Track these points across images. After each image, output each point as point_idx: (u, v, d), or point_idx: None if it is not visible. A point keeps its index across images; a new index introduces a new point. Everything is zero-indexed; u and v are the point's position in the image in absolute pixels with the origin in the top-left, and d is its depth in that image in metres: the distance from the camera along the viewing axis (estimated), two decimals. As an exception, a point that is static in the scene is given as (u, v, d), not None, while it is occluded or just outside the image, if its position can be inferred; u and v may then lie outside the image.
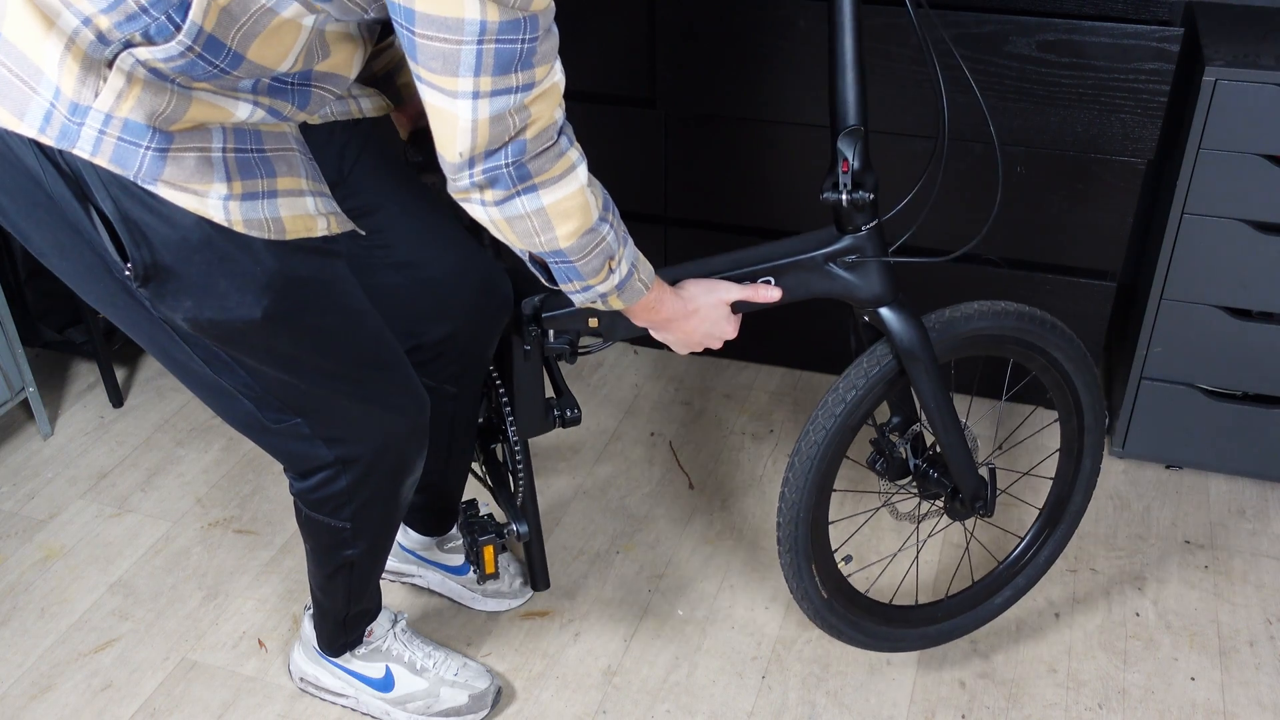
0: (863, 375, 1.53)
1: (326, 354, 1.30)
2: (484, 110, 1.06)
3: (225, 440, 2.31)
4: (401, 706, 1.70)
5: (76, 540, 2.06)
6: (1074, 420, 1.74)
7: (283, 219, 1.17)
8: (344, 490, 1.42)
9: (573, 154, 1.17)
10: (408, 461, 1.47)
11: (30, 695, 1.77)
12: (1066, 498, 1.80)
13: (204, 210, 1.11)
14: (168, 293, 1.15)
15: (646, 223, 2.40)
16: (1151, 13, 1.91)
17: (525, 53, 1.05)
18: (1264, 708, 1.74)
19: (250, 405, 1.32)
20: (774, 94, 2.16)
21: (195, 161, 1.09)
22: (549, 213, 1.17)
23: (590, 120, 2.31)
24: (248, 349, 1.24)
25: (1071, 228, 2.13)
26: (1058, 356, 1.64)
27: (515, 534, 1.71)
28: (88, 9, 1.02)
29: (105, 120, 1.05)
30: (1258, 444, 2.13)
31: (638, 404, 2.42)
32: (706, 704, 1.75)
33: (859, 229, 1.44)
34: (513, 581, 1.91)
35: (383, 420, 1.39)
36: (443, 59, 1.03)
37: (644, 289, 1.33)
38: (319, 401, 1.33)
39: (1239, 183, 1.91)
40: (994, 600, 1.82)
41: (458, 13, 1.00)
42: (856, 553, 2.02)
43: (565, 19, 2.24)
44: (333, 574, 1.55)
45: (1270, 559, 2.01)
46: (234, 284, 1.16)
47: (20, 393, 2.26)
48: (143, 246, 1.12)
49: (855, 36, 1.35)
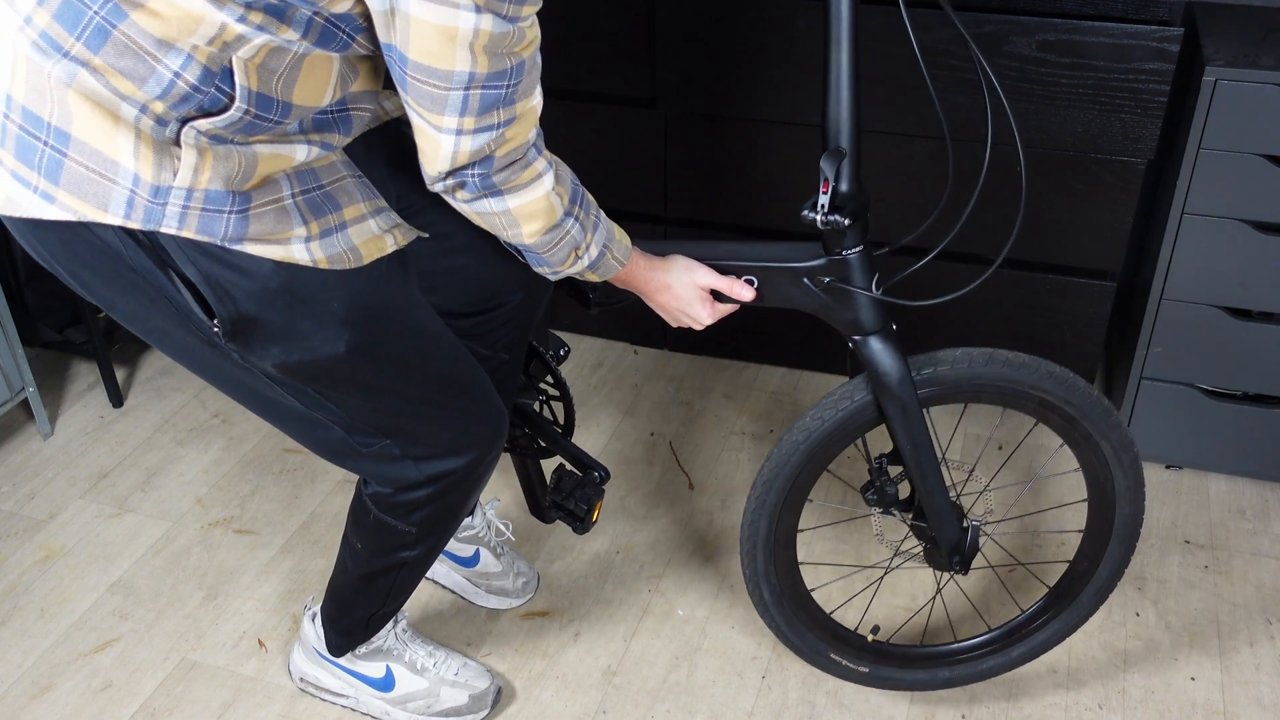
0: (831, 408, 1.50)
1: (409, 379, 1.33)
2: (466, 145, 1.15)
3: (225, 440, 2.31)
4: (402, 706, 1.70)
5: (76, 540, 2.06)
6: (1102, 499, 1.57)
7: (357, 246, 1.23)
8: (423, 499, 1.44)
9: (539, 164, 1.23)
10: (486, 473, 1.49)
11: (30, 695, 1.77)
12: (1083, 579, 1.66)
13: (289, 257, 1.16)
14: (255, 342, 1.20)
15: (646, 223, 2.40)
16: (1151, 13, 1.91)
17: (508, 94, 1.13)
18: (1264, 708, 1.74)
19: (341, 433, 1.35)
20: (774, 94, 2.16)
21: (274, 214, 1.15)
22: (514, 214, 1.24)
23: (590, 120, 2.32)
24: (335, 384, 1.29)
25: (1071, 228, 2.13)
26: (1088, 428, 1.50)
27: (598, 479, 1.67)
28: (142, 97, 1.06)
29: (188, 195, 1.10)
30: (1258, 444, 2.13)
31: (638, 404, 2.42)
32: (706, 704, 1.75)
33: (838, 253, 1.40)
34: (516, 580, 1.91)
35: (467, 437, 1.42)
36: (431, 99, 1.11)
37: (619, 265, 1.40)
38: (407, 424, 1.37)
39: (1239, 183, 1.91)
40: (982, 664, 1.73)
41: (449, 65, 1.07)
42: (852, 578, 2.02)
43: (565, 19, 2.25)
44: (378, 574, 1.55)
45: (1270, 559, 2.02)
46: (316, 324, 1.21)
47: (20, 393, 2.26)
48: (227, 302, 1.16)
49: (851, 56, 1.31)
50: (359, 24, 1.11)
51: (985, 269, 1.43)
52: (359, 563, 1.54)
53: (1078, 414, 1.48)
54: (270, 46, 1.07)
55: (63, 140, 1.08)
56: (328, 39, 1.10)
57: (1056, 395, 1.47)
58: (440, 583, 1.93)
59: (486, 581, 1.90)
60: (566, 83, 2.29)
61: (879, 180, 2.17)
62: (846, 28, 1.30)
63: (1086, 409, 1.48)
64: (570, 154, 2.40)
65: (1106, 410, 1.49)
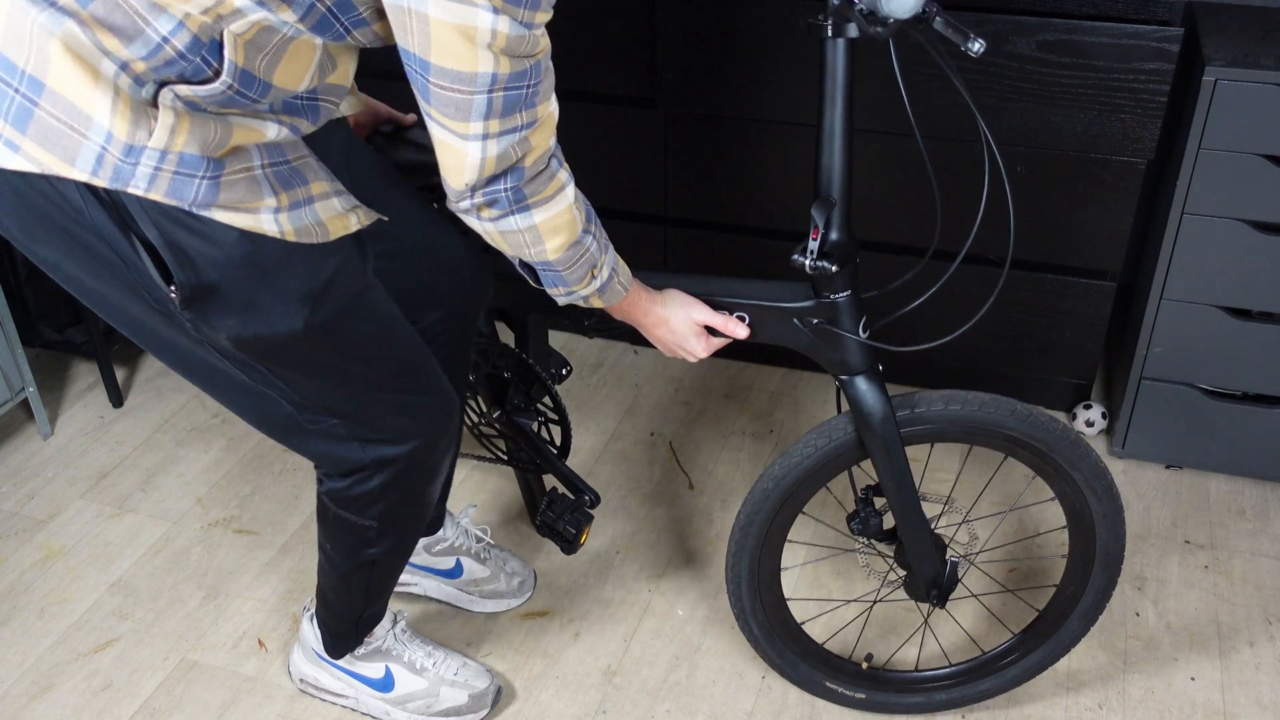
0: (810, 445, 1.54)
1: (364, 360, 1.33)
2: (492, 149, 1.14)
3: (225, 440, 2.31)
4: (401, 706, 1.70)
5: (76, 540, 2.06)
6: (1081, 526, 1.58)
7: (324, 222, 1.22)
8: (375, 490, 1.44)
9: (562, 175, 1.25)
10: (439, 461, 1.49)
11: (30, 695, 1.77)
12: (1071, 603, 1.65)
13: (258, 226, 1.15)
14: (212, 312, 1.18)
15: (646, 223, 2.40)
16: (1151, 13, 1.91)
17: (529, 95, 1.13)
18: (1264, 708, 1.74)
19: (290, 409, 1.35)
20: (774, 94, 2.16)
21: (245, 183, 1.14)
22: (540, 229, 1.25)
23: (590, 120, 2.32)
24: (288, 361, 1.28)
25: (1071, 228, 2.13)
26: (1057, 460, 1.52)
27: (588, 502, 1.73)
28: (125, 55, 1.05)
29: (161, 157, 1.08)
30: (1258, 444, 2.13)
31: (638, 404, 2.42)
32: (706, 704, 1.75)
33: (827, 297, 1.45)
34: (510, 580, 1.91)
35: (417, 421, 1.42)
36: (455, 106, 1.10)
37: (623, 291, 1.42)
38: (356, 404, 1.36)
39: (1239, 183, 1.91)
40: (978, 686, 1.72)
41: (471, 67, 1.07)
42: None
43: (565, 19, 2.24)
44: (350, 573, 1.55)
45: (1270, 559, 2.01)
46: (276, 297, 1.19)
47: (20, 393, 2.26)
48: (188, 268, 1.14)
49: (845, 113, 1.34)
50: (361, 18, 1.11)
51: (982, 266, 1.42)
52: (332, 564, 1.55)
53: (1045, 448, 1.51)
54: (263, 24, 1.06)
55: (36, 89, 1.05)
56: (323, 27, 1.10)
57: (1021, 431, 1.50)
58: (434, 597, 1.92)
59: (478, 588, 1.90)
60: (567, 83, 2.28)
61: (879, 180, 2.17)
62: (842, 86, 1.33)
63: (1052, 442, 1.50)
64: (570, 154, 2.40)
65: (1074, 442, 1.51)
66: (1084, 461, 1.51)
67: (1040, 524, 2.07)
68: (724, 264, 2.38)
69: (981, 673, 1.71)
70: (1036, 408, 1.52)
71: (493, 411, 1.76)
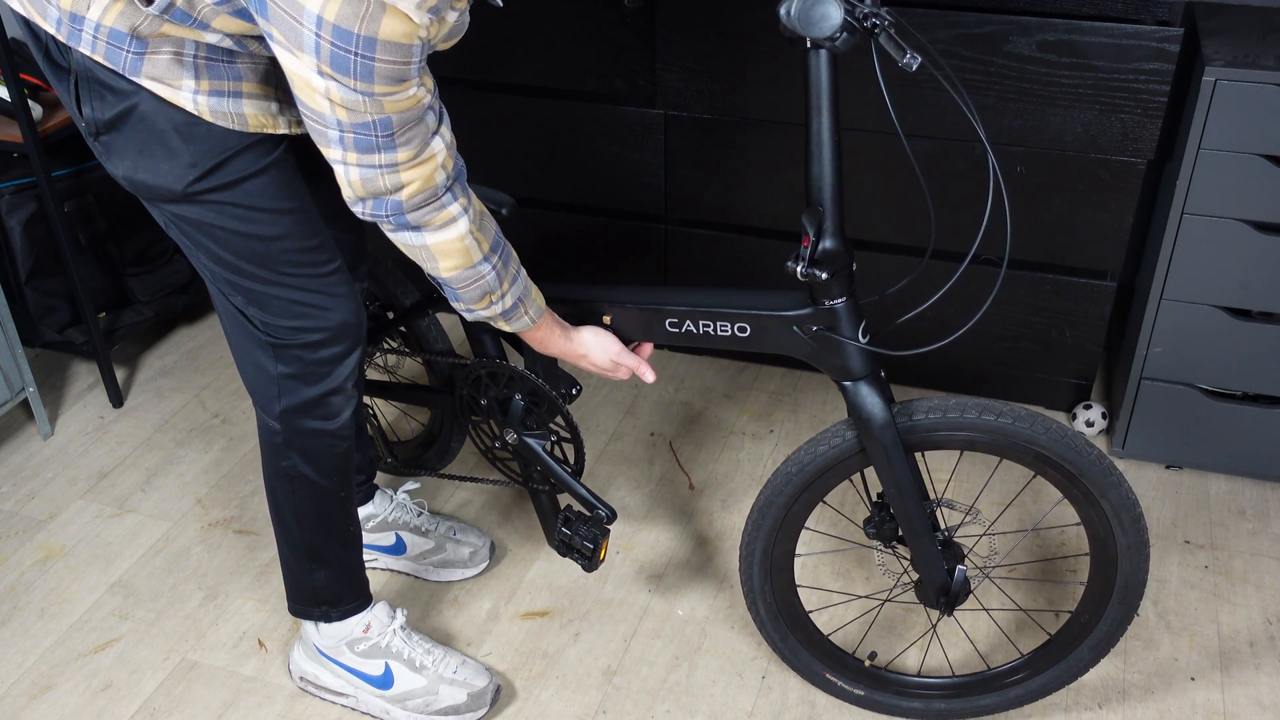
0: (811, 453, 1.55)
1: (258, 249, 1.39)
2: (354, 174, 1.25)
3: (225, 440, 2.31)
4: (401, 704, 1.70)
5: (76, 540, 2.06)
6: (1103, 555, 1.55)
7: (246, 114, 1.31)
8: (277, 378, 1.48)
9: (454, 209, 1.32)
10: (340, 360, 1.49)
11: (30, 695, 1.77)
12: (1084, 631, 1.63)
13: (176, 99, 1.27)
14: (113, 151, 1.32)
15: (647, 223, 2.40)
16: (1151, 13, 1.91)
17: (382, 143, 1.21)
18: (1264, 708, 1.74)
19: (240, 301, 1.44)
20: (774, 94, 2.16)
21: (167, 62, 1.25)
22: (431, 249, 1.34)
23: (590, 120, 2.32)
24: (187, 229, 1.38)
25: (1071, 228, 2.13)
26: (1086, 485, 1.49)
27: (604, 518, 1.74)
28: None
29: (96, 28, 1.23)
30: (1258, 444, 2.13)
31: (638, 404, 2.42)
32: (706, 704, 1.75)
33: (823, 303, 1.46)
34: (459, 550, 1.96)
35: (310, 317, 1.45)
36: (316, 133, 1.22)
37: (530, 322, 1.50)
38: (251, 285, 1.42)
39: (1239, 183, 1.91)
40: (979, 700, 1.71)
41: (323, 109, 1.18)
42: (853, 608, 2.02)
43: (566, 19, 2.25)
44: (278, 490, 1.58)
45: (1270, 559, 2.01)
46: (168, 154, 1.30)
47: (20, 393, 2.26)
48: (97, 107, 1.29)
49: (832, 122, 1.36)
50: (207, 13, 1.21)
51: (982, 266, 1.43)
52: (268, 492, 1.60)
53: (1075, 470, 1.48)
54: None
55: None
56: (181, 18, 1.21)
57: (1052, 450, 1.48)
58: (395, 569, 1.98)
59: (427, 560, 1.96)
60: (567, 83, 2.29)
61: (877, 179, 2.17)
62: (827, 96, 1.35)
63: (1083, 466, 1.48)
64: (571, 154, 2.41)
65: (1106, 470, 1.48)
66: (1114, 491, 1.48)
67: (1064, 547, 2.06)
68: (724, 264, 2.39)
69: (985, 688, 1.70)
70: (1072, 429, 1.50)
71: (505, 434, 1.76)
